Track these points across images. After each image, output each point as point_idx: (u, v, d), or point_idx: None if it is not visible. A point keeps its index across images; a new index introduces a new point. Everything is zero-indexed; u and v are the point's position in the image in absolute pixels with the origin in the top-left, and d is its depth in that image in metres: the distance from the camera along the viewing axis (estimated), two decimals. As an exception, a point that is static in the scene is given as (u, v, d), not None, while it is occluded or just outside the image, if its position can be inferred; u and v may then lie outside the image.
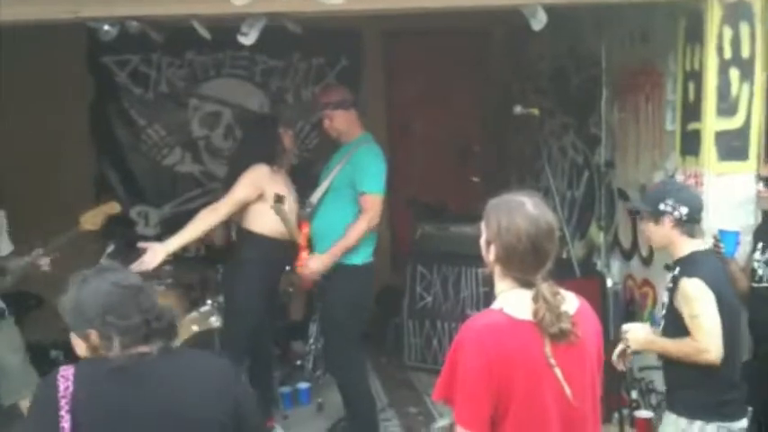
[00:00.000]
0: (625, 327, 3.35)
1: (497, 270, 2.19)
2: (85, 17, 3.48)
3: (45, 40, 5.49)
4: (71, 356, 6.31)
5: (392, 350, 6.20)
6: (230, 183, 4.44)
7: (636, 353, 3.38)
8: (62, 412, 1.98)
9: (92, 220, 4.60)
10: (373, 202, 4.33)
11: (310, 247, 4.48)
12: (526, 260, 2.11)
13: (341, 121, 4.50)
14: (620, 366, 3.37)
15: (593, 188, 5.18)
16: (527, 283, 2.13)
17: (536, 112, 4.87)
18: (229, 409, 2.14)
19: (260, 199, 4.36)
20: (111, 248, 5.20)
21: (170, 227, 6.63)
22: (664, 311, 3.25)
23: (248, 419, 2.22)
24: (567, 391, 2.09)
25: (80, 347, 2.17)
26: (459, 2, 3.64)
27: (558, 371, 2.07)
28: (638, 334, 3.27)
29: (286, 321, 5.98)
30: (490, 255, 2.18)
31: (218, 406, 2.12)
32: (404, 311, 5.96)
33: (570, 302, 2.18)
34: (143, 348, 2.07)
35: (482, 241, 2.21)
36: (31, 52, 5.91)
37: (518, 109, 4.92)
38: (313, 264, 4.37)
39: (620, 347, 3.31)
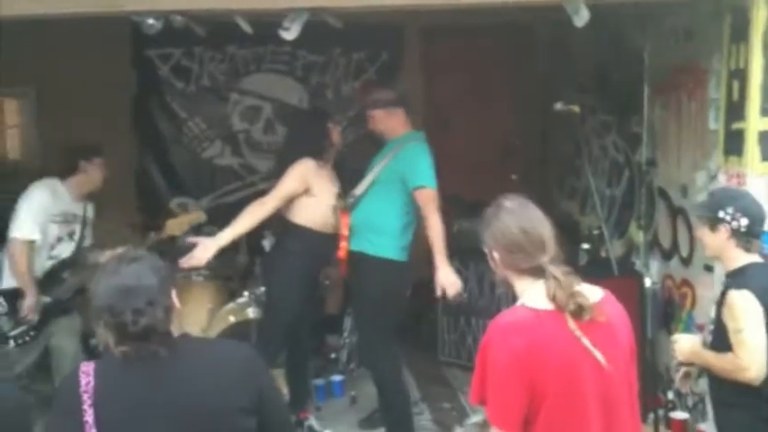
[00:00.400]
0: (674, 337, 3.24)
1: (510, 275, 2.26)
2: (129, 11, 3.54)
3: (89, 33, 5.62)
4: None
5: (426, 345, 6.21)
6: (279, 174, 4.48)
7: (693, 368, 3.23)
8: (85, 407, 2.01)
9: (177, 227, 4.77)
10: (431, 195, 4.34)
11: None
12: (525, 248, 2.20)
13: (380, 120, 4.54)
14: (684, 389, 3.30)
15: (634, 187, 5.12)
16: (539, 272, 2.18)
17: (576, 109, 4.83)
18: (253, 397, 2.14)
19: (306, 193, 4.41)
20: (151, 238, 5.28)
21: (208, 219, 6.74)
22: (712, 326, 3.08)
23: (273, 410, 2.23)
24: (599, 356, 2.11)
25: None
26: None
27: (585, 341, 2.10)
28: (684, 345, 3.13)
29: (322, 314, 6.02)
30: (498, 263, 2.27)
31: (239, 394, 2.13)
32: (439, 307, 5.95)
33: (592, 292, 2.22)
34: (144, 344, 2.07)
35: (488, 257, 2.31)
36: (75, 46, 6.04)
37: (558, 106, 4.89)
38: (447, 278, 4.36)
39: (682, 371, 3.21)
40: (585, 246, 5.12)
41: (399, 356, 4.80)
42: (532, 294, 2.17)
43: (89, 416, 2.01)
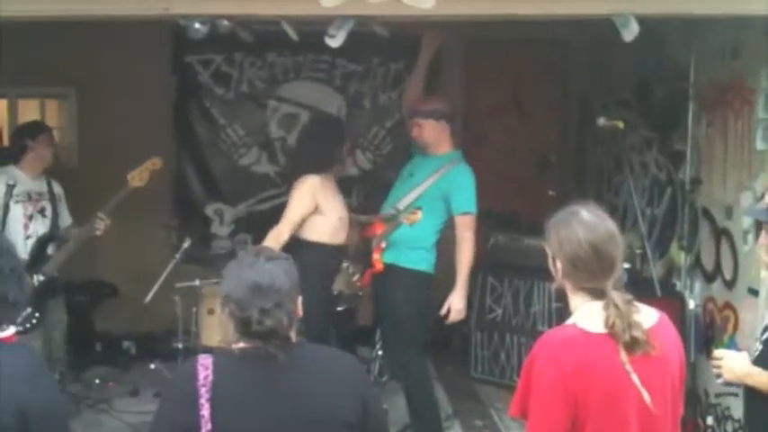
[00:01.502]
0: (719, 352, 2.98)
1: (568, 286, 2.19)
2: (176, 14, 3.53)
3: (131, 37, 5.66)
4: (143, 348, 6.51)
5: (458, 360, 6.15)
6: (296, 177, 4.47)
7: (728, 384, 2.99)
8: (202, 400, 2.02)
9: (138, 176, 4.84)
10: (472, 222, 4.47)
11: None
12: (591, 267, 2.11)
13: (429, 131, 4.55)
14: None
15: (676, 206, 5.03)
16: (599, 294, 2.11)
17: (621, 124, 4.75)
18: (359, 408, 2.15)
19: (316, 211, 4.39)
20: (187, 243, 5.30)
21: (244, 225, 6.74)
22: (766, 335, 2.86)
23: (376, 422, 2.23)
24: (646, 397, 2.05)
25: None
26: (550, 9, 3.58)
27: (635, 377, 2.04)
28: (734, 363, 2.87)
29: (353, 326, 5.99)
30: (558, 271, 2.19)
31: (347, 404, 2.13)
32: (472, 322, 5.89)
33: (647, 315, 2.16)
34: (260, 344, 2.08)
35: (549, 260, 2.22)
36: (117, 48, 6.09)
37: (602, 121, 4.81)
38: (458, 304, 4.44)
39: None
40: (626, 265, 5.03)
41: (427, 368, 4.78)
42: (586, 314, 2.12)
43: (205, 410, 2.01)
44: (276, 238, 4.30)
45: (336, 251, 4.54)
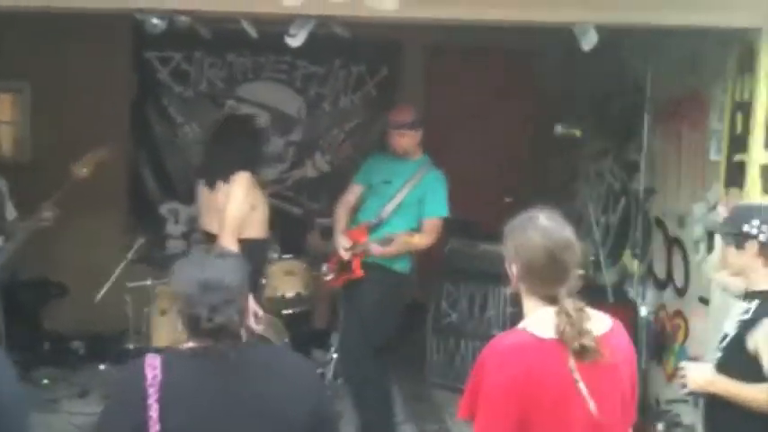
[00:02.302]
0: (684, 364, 3.02)
1: (522, 290, 2.20)
2: (134, 8, 3.48)
3: (90, 31, 5.57)
4: (92, 348, 6.36)
5: (414, 365, 6.13)
6: (207, 174, 4.45)
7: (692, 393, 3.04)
8: (150, 401, 1.97)
9: (81, 165, 4.77)
10: (438, 226, 4.62)
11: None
12: (545, 273, 2.11)
13: (411, 141, 4.67)
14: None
15: (629, 215, 5.10)
16: (552, 300, 2.11)
17: (578, 133, 4.81)
18: (311, 410, 2.12)
19: (252, 208, 4.34)
20: (140, 242, 5.22)
21: (198, 225, 6.66)
22: (725, 343, 2.86)
23: (329, 424, 2.22)
24: (592, 405, 2.05)
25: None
26: (510, 16, 3.60)
27: (582, 385, 2.04)
28: (698, 374, 2.89)
29: (309, 328, 5.95)
30: (513, 276, 2.19)
31: (300, 406, 2.11)
32: (428, 327, 5.89)
33: (600, 322, 2.16)
34: (210, 342, 2.05)
35: (506, 264, 2.22)
36: (74, 43, 5.99)
37: (559, 129, 4.86)
38: (376, 250, 4.50)
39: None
40: (580, 271, 5.08)
41: (388, 371, 4.78)
42: (538, 319, 2.12)
43: (154, 410, 1.97)
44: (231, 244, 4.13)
45: (268, 243, 4.71)
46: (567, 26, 3.62)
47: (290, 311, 5.35)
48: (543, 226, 2.14)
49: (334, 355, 5.51)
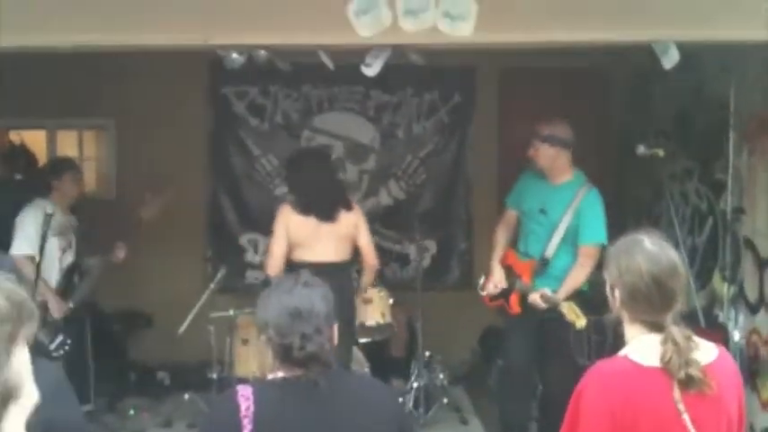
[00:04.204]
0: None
1: (625, 316, 2.13)
2: (215, 45, 3.56)
3: (168, 70, 5.73)
4: (177, 378, 6.48)
5: (495, 394, 6.03)
6: (320, 206, 4.77)
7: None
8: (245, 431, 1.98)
9: (148, 210, 5.17)
10: (595, 253, 4.32)
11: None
12: (651, 300, 2.04)
13: (545, 156, 4.52)
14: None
15: (717, 236, 4.93)
16: (656, 327, 2.04)
17: (661, 153, 4.68)
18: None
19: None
20: (222, 273, 5.30)
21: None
22: None
23: None
24: None
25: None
26: (588, 36, 3.54)
27: (686, 416, 1.97)
28: None
29: (387, 357, 5.92)
30: (615, 300, 2.12)
31: (388, 428, 2.11)
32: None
33: (706, 352, 2.08)
34: (300, 371, 2.06)
35: (607, 287, 2.15)
36: (154, 79, 6.17)
37: (641, 149, 4.75)
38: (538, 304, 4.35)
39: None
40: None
41: None
42: (641, 346, 2.06)
43: None
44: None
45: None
46: (647, 44, 3.54)
47: (369, 340, 5.34)
48: (648, 250, 2.09)
49: (414, 384, 5.47)
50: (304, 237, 4.75)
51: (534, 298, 4.35)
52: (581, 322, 4.08)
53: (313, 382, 2.04)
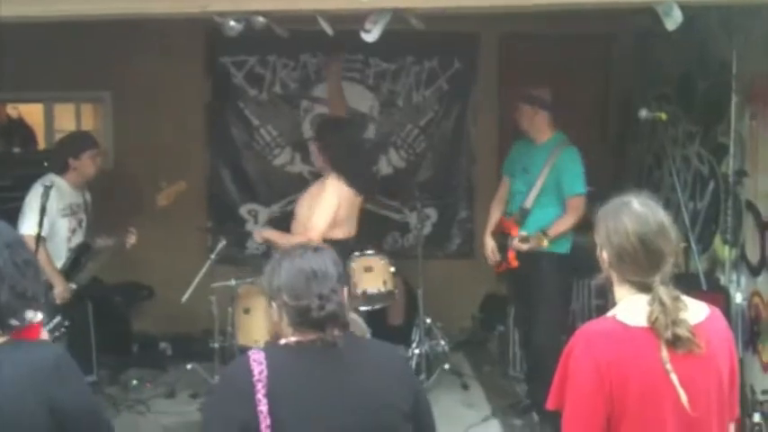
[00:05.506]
0: None
1: (614, 277, 2.14)
2: (213, 11, 3.51)
3: (165, 41, 5.69)
4: (179, 348, 6.50)
5: (496, 359, 6.07)
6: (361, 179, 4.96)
7: None
8: (259, 395, 1.98)
9: (165, 197, 5.20)
10: (579, 203, 4.66)
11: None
12: (638, 261, 2.05)
13: (524, 116, 4.82)
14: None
15: (719, 200, 4.92)
16: (644, 288, 2.05)
17: (663, 116, 4.67)
18: (410, 400, 2.14)
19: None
20: (222, 244, 5.30)
21: (277, 225, 6.75)
22: None
23: (426, 417, 2.22)
24: (684, 398, 1.99)
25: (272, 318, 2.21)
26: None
27: (674, 376, 1.98)
28: None
29: (387, 325, 5.93)
30: (603, 261, 2.14)
31: (403, 395, 2.12)
32: (510, 320, 5.81)
33: (696, 311, 2.09)
34: (316, 334, 2.06)
35: (597, 250, 2.16)
36: (150, 51, 6.13)
37: (643, 113, 4.73)
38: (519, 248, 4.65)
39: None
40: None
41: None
42: (629, 306, 2.07)
43: (263, 405, 1.98)
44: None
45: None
46: (649, 6, 3.49)
47: (370, 308, 5.34)
48: (636, 211, 2.09)
49: (416, 351, 5.49)
50: (347, 213, 4.94)
51: (514, 244, 4.66)
52: (544, 243, 4.55)
53: (331, 343, 2.04)
